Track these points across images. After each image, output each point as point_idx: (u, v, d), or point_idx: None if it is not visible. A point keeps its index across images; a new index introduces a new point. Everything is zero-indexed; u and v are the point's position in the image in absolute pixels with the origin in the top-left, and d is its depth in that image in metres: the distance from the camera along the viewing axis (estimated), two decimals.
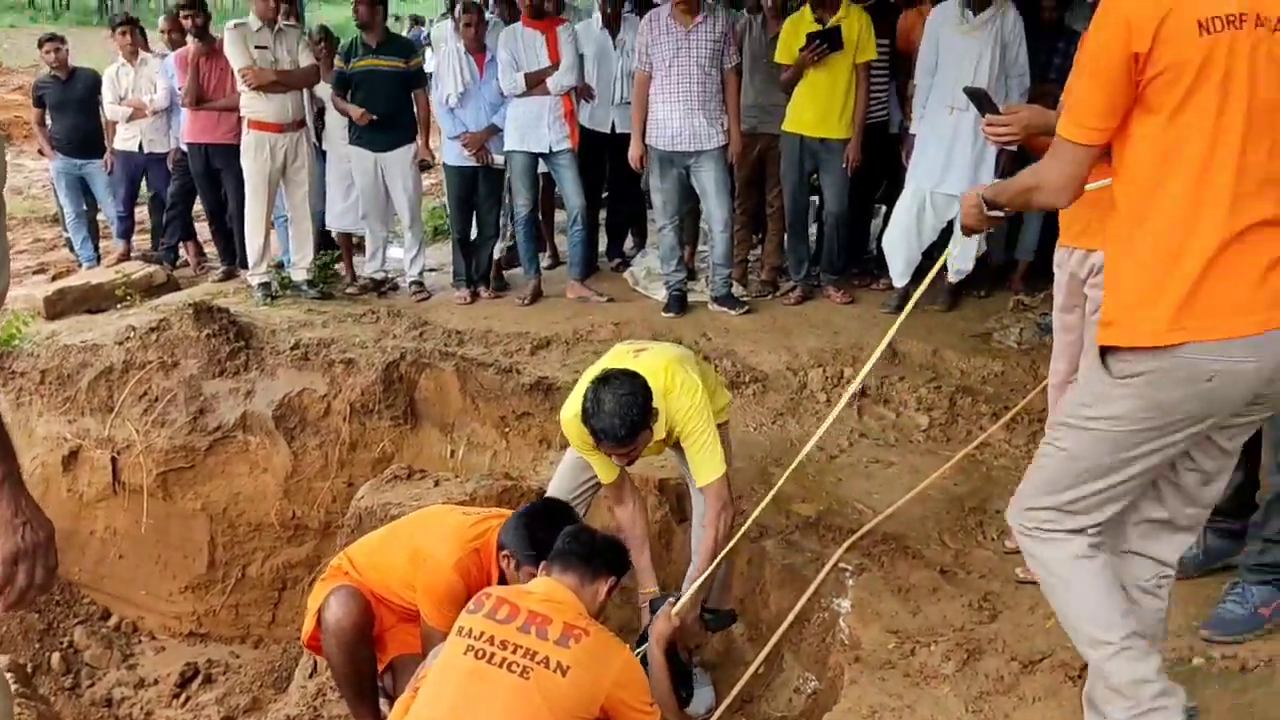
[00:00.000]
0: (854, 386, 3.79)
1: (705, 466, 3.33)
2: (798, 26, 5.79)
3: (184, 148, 7.26)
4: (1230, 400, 2.12)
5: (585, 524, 3.36)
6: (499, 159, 6.37)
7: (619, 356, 3.43)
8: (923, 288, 2.97)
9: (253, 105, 6.23)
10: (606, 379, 3.16)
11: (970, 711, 2.87)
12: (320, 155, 6.91)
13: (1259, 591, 2.99)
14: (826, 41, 5.62)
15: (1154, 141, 2.09)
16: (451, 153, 6.43)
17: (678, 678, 3.34)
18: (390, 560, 3.28)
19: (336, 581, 3.29)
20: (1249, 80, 2.02)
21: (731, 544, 3.40)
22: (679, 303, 6.12)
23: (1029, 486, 2.37)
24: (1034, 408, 4.23)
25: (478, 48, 6.32)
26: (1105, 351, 2.20)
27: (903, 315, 2.99)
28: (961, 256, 5.52)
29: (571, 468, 3.61)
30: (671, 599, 3.35)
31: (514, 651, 2.65)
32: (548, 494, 3.68)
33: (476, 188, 6.50)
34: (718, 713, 3.43)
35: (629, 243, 7.49)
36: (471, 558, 3.16)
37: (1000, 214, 2.51)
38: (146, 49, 7.83)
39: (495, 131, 6.32)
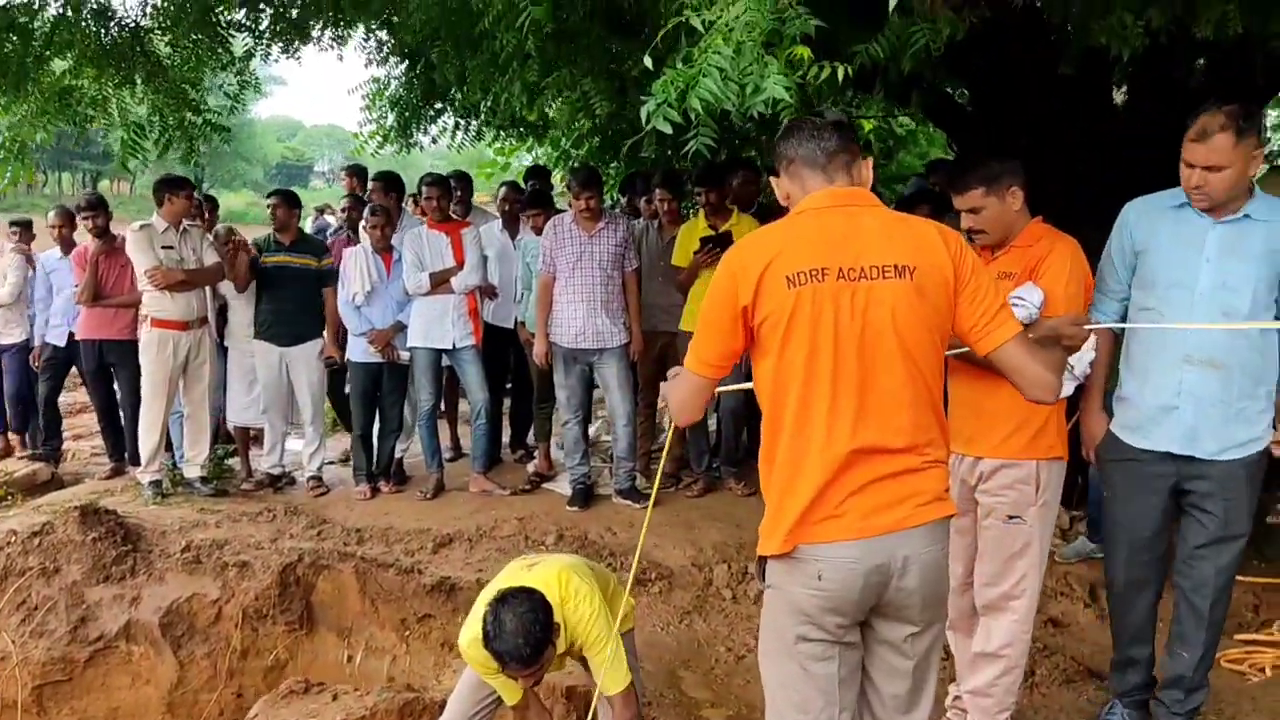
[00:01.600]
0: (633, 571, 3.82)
1: (612, 675, 3.29)
2: (693, 231, 6.09)
3: (54, 344, 7.26)
4: (850, 596, 2.33)
5: None
6: (405, 355, 6.44)
7: (513, 574, 3.40)
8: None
9: (158, 304, 6.22)
10: (504, 599, 3.12)
11: None
12: (221, 351, 6.88)
13: None
14: (719, 245, 5.91)
15: (769, 380, 2.38)
16: (357, 349, 6.47)
17: None
18: None
19: None
20: (833, 327, 2.29)
21: None
22: (584, 496, 6.15)
23: None
24: None
25: (385, 248, 6.46)
26: (761, 565, 2.45)
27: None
28: None
29: (470, 686, 3.52)
30: None
31: None
32: (445, 714, 3.55)
33: (381, 383, 6.53)
34: None
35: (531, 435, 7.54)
36: None
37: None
38: None
39: (401, 328, 6.41)
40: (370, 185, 7.32)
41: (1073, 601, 4.68)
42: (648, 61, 2.84)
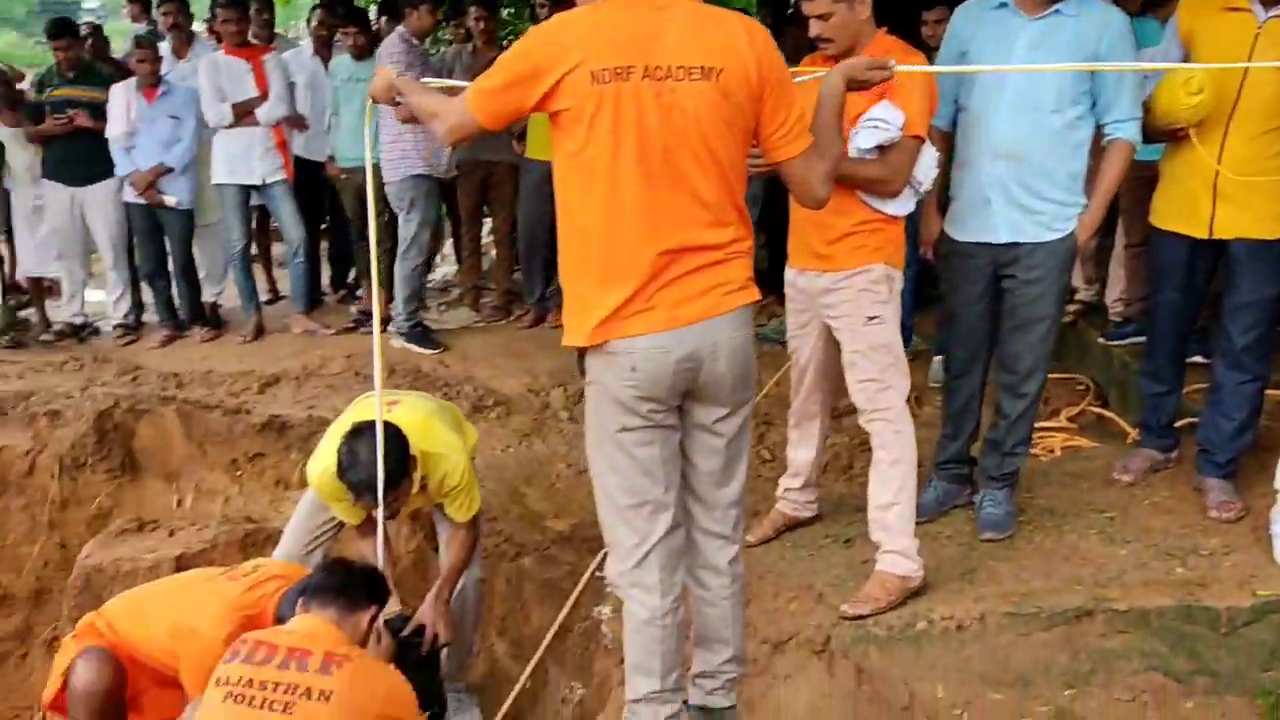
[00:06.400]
0: None
1: (464, 506, 3.41)
2: None
3: None
4: (663, 384, 2.43)
5: (341, 556, 3.30)
6: (170, 199, 6.01)
7: (366, 409, 3.33)
8: None
9: None
10: (359, 431, 3.11)
11: None
12: (2, 195, 6.33)
13: (1004, 494, 3.57)
14: None
15: (571, 172, 2.39)
16: (131, 190, 6.04)
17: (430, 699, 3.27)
18: (151, 631, 3.06)
19: (88, 641, 3.05)
20: (636, 127, 2.31)
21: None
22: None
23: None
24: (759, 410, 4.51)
25: (152, 83, 5.97)
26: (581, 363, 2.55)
27: None
28: None
29: (307, 513, 3.51)
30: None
31: (274, 690, 2.57)
32: (283, 541, 3.54)
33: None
34: None
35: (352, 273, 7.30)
36: (245, 626, 2.98)
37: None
38: None
39: (165, 171, 5.98)
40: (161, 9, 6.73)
41: None
42: None
